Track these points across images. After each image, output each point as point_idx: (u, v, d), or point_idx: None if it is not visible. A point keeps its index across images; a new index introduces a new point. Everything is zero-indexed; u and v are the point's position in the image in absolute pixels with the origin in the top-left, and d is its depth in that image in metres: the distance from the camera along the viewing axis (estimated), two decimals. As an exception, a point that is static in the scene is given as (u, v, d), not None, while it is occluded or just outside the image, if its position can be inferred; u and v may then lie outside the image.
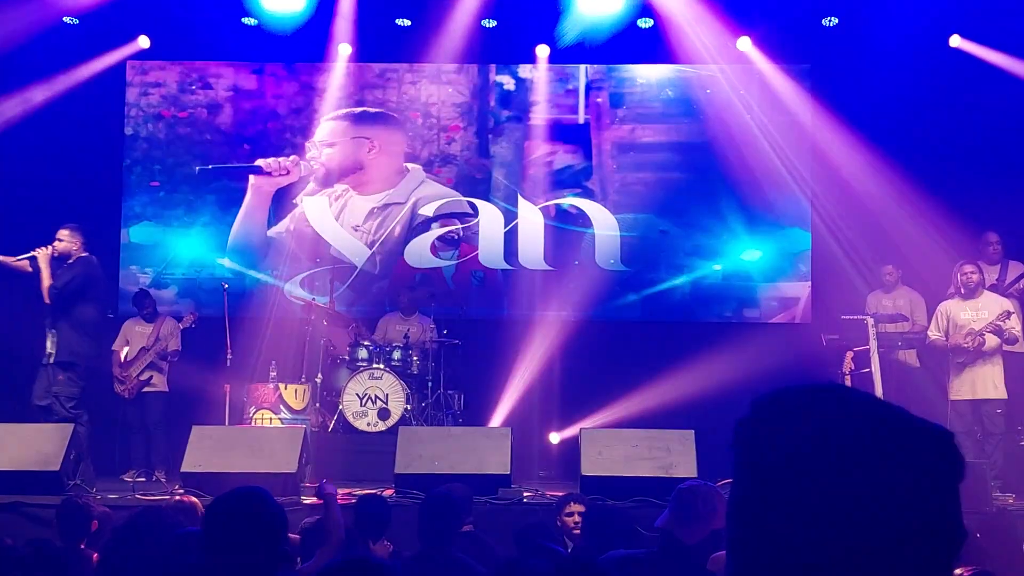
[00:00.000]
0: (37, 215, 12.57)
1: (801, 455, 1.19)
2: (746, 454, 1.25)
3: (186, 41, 13.12)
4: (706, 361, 11.58)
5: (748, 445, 1.25)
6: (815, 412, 1.21)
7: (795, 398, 1.24)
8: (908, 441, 1.19)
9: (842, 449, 1.17)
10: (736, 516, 1.25)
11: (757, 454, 1.23)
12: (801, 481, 1.18)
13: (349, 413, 11.05)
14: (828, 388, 1.24)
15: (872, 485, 1.16)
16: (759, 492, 1.22)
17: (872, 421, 1.20)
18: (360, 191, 13.33)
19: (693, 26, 12.61)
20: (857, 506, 1.16)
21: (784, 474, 1.19)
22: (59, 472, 8.75)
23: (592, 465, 8.81)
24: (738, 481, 1.26)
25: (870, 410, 1.21)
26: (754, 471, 1.23)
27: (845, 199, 12.61)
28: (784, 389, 1.25)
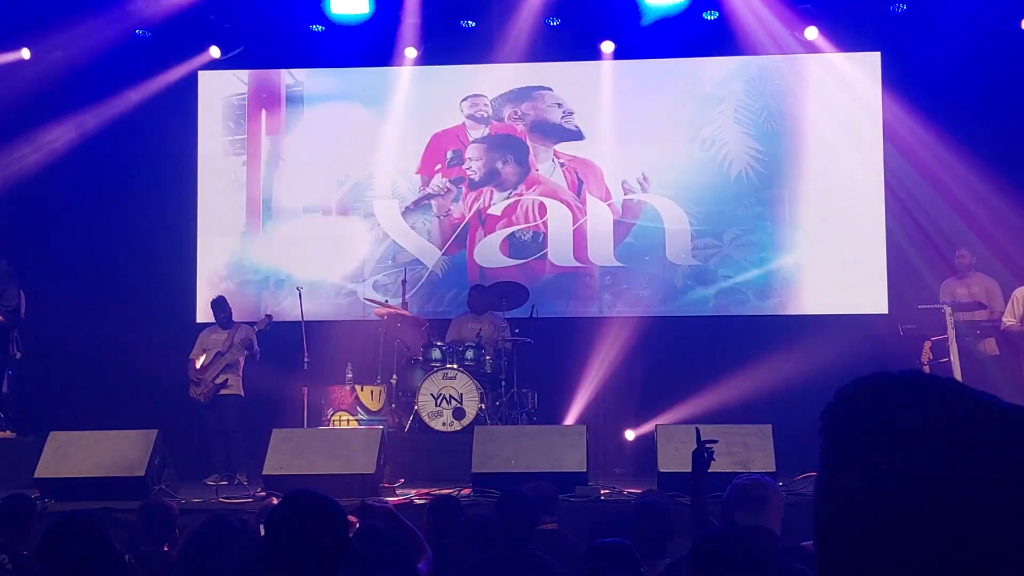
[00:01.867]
0: (115, 224, 12.86)
1: (889, 443, 1.19)
2: (833, 443, 1.25)
3: (255, 49, 13.29)
4: (782, 354, 11.50)
5: (835, 434, 1.25)
6: (902, 399, 1.20)
7: (881, 386, 1.23)
8: (997, 427, 1.18)
9: (930, 436, 1.17)
10: (824, 505, 1.26)
11: (845, 443, 1.23)
12: (890, 469, 1.18)
13: (425, 413, 11.13)
14: (914, 375, 1.23)
15: (962, 472, 1.16)
16: (847, 481, 1.23)
17: (960, 407, 1.19)
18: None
19: (759, 17, 12.54)
20: (947, 494, 1.16)
21: (873, 462, 1.19)
22: (144, 477, 8.92)
23: (669, 461, 8.79)
24: (825, 470, 1.26)
25: (957, 397, 1.21)
26: (842, 460, 1.24)
27: (918, 187, 12.46)
28: (869, 377, 1.25)
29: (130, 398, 11.86)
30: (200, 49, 13.15)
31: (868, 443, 1.20)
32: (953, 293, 11.25)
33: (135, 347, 11.56)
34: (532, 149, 13.43)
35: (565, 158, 13.39)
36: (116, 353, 11.47)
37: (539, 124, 13.46)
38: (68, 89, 12.54)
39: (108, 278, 12.61)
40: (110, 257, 12.80)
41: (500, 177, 13.47)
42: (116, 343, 11.43)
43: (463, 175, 13.49)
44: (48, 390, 12.01)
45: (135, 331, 11.67)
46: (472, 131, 13.55)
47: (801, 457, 9.00)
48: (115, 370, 11.88)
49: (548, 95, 13.46)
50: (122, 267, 12.76)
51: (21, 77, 12.29)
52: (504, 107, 13.50)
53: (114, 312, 11.61)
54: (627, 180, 13.26)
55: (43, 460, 9.11)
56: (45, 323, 11.84)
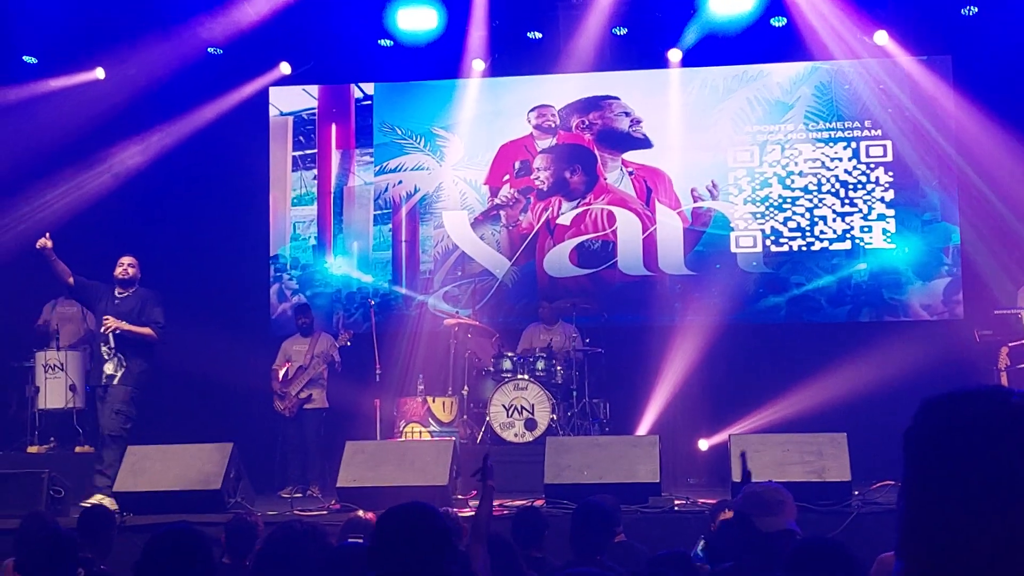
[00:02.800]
0: (189, 238, 13.04)
1: (973, 456, 1.20)
2: (919, 457, 1.26)
3: (324, 65, 13.43)
4: (855, 362, 11.38)
5: (920, 449, 1.26)
6: (982, 415, 1.22)
7: (962, 402, 1.24)
8: None
9: (1012, 451, 1.18)
10: (910, 518, 1.26)
11: (930, 458, 1.24)
12: (975, 481, 1.19)
13: (496, 424, 11.15)
14: (995, 390, 1.25)
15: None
16: (932, 494, 1.23)
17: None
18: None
19: (828, 22, 12.43)
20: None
21: (957, 475, 1.20)
22: (221, 490, 9.01)
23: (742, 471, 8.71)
24: (910, 484, 1.26)
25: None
26: (927, 475, 1.24)
27: (993, 190, 12.27)
28: (949, 394, 1.26)
29: (204, 411, 12.02)
30: (271, 65, 13.32)
31: (952, 457, 1.21)
32: (1033, 297, 11.06)
33: (210, 361, 11.70)
34: (600, 158, 13.42)
35: (633, 166, 13.37)
36: (191, 367, 11.60)
37: (607, 133, 13.45)
38: (142, 107, 12.75)
39: (183, 292, 12.73)
40: (185, 272, 12.96)
41: (568, 187, 13.47)
42: (191, 357, 11.56)
43: (531, 185, 13.51)
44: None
45: (210, 345, 11.79)
46: (540, 141, 13.57)
47: (876, 466, 8.93)
48: (190, 384, 12.03)
49: (616, 104, 13.45)
50: (196, 281, 12.92)
51: (96, 96, 12.52)
52: (571, 117, 13.51)
53: (189, 326, 11.72)
54: (696, 188, 13.21)
55: (121, 474, 9.24)
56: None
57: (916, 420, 1.28)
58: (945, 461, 1.23)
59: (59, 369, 11.38)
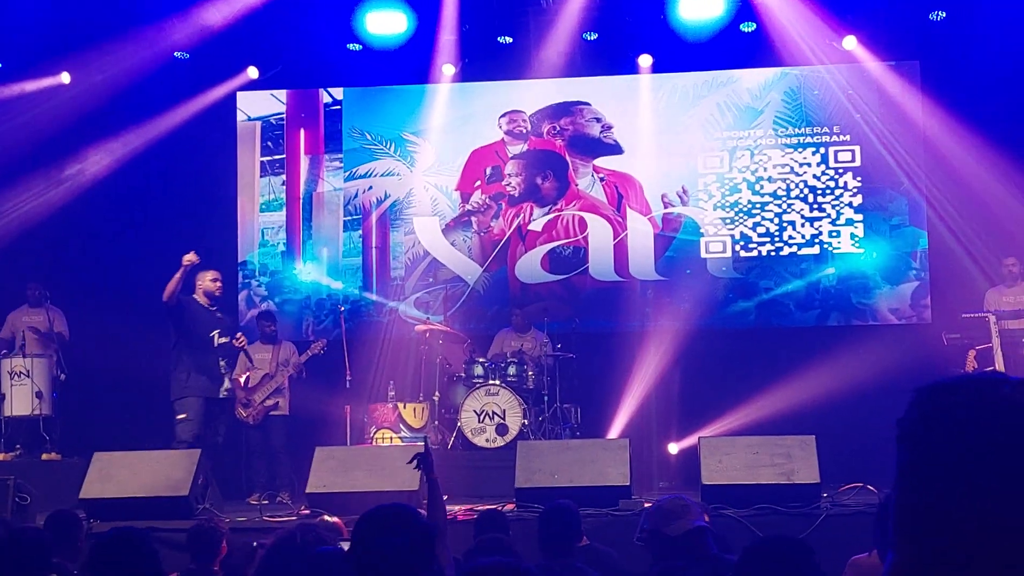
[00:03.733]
0: (156, 245, 12.96)
1: (969, 444, 1.20)
2: (913, 446, 1.25)
3: (293, 69, 13.38)
4: (824, 365, 11.41)
5: (914, 437, 1.25)
6: (980, 400, 1.22)
7: (956, 389, 1.24)
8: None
9: (1008, 436, 1.18)
10: (905, 509, 1.25)
11: (926, 446, 1.24)
12: (972, 469, 1.19)
13: (468, 430, 11.13)
14: (991, 376, 1.25)
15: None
16: (931, 483, 1.22)
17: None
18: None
19: (797, 28, 12.48)
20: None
21: (955, 463, 1.20)
22: (188, 497, 8.95)
23: (713, 474, 8.74)
24: (904, 474, 1.26)
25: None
26: (924, 462, 1.24)
27: (961, 195, 12.35)
28: (942, 382, 1.26)
29: (173, 418, 11.92)
30: (238, 70, 13.25)
31: (949, 445, 1.21)
32: (999, 301, 11.14)
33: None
34: (571, 164, 13.43)
35: (605, 172, 13.38)
36: (159, 373, 11.52)
37: (578, 139, 13.45)
38: (108, 113, 12.66)
39: (150, 299, 12.68)
40: (152, 278, 12.85)
41: (540, 193, 13.47)
42: (159, 363, 11.49)
43: (503, 191, 13.50)
44: (92, 411, 12.10)
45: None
46: (511, 147, 13.56)
47: (845, 468, 8.96)
48: (158, 390, 11.93)
49: (586, 110, 13.46)
50: (164, 288, 12.83)
51: (61, 101, 12.43)
52: (543, 122, 13.51)
53: (156, 333, 11.67)
54: (667, 194, 13.23)
55: (88, 481, 9.17)
56: (88, 345, 11.94)
57: (911, 408, 1.28)
58: (938, 449, 1.23)
59: (25, 376, 11.30)
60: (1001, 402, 1.21)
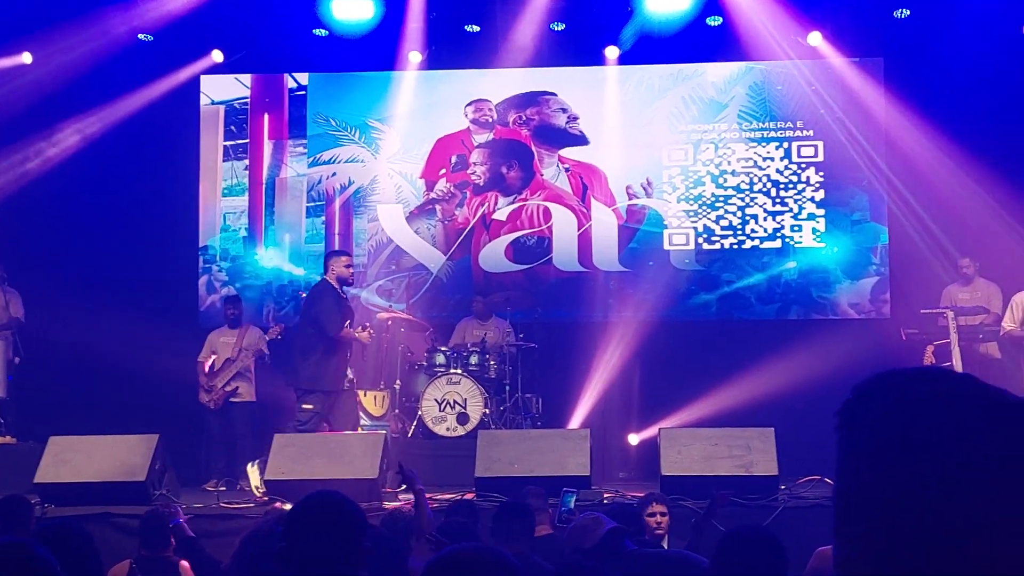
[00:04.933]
0: (117, 228, 12.87)
1: (906, 437, 1.20)
2: (852, 440, 1.25)
3: (258, 54, 13.28)
4: (784, 358, 11.47)
5: (853, 431, 1.25)
6: (917, 394, 1.22)
7: (896, 380, 1.24)
8: (1007, 416, 1.20)
9: (945, 428, 1.18)
10: (845, 500, 1.25)
11: (863, 439, 1.24)
12: (908, 462, 1.19)
13: (428, 418, 11.11)
14: (927, 371, 1.25)
15: (976, 461, 1.17)
16: (868, 477, 1.22)
17: (972, 399, 1.21)
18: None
19: (763, 22, 12.52)
20: (964, 481, 1.17)
21: (891, 456, 1.20)
22: (145, 482, 8.89)
23: (672, 465, 8.77)
24: (844, 465, 1.26)
25: (969, 389, 1.22)
26: (861, 456, 1.24)
27: (922, 192, 12.44)
28: (885, 372, 1.26)
29: (130, 403, 11.85)
30: (202, 53, 13.14)
31: (886, 438, 1.21)
32: (956, 298, 11.23)
33: (136, 352, 11.54)
34: (537, 154, 13.42)
35: (570, 163, 13.38)
36: (116, 358, 11.45)
37: (543, 129, 13.45)
38: (70, 94, 12.51)
39: (109, 282, 12.61)
40: (111, 261, 12.79)
41: (505, 182, 13.45)
42: (117, 348, 11.41)
43: (467, 180, 13.47)
44: (48, 395, 11.97)
45: (136, 336, 11.65)
46: (476, 136, 13.53)
47: (803, 461, 9.01)
48: (115, 375, 11.87)
49: (552, 100, 13.45)
50: (123, 271, 12.75)
51: (23, 82, 12.29)
52: (509, 112, 13.49)
53: (115, 316, 11.58)
54: (631, 185, 13.26)
55: (43, 465, 9.07)
56: (45, 327, 11.83)
57: (849, 400, 1.28)
58: (873, 442, 1.23)
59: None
60: (938, 396, 1.22)
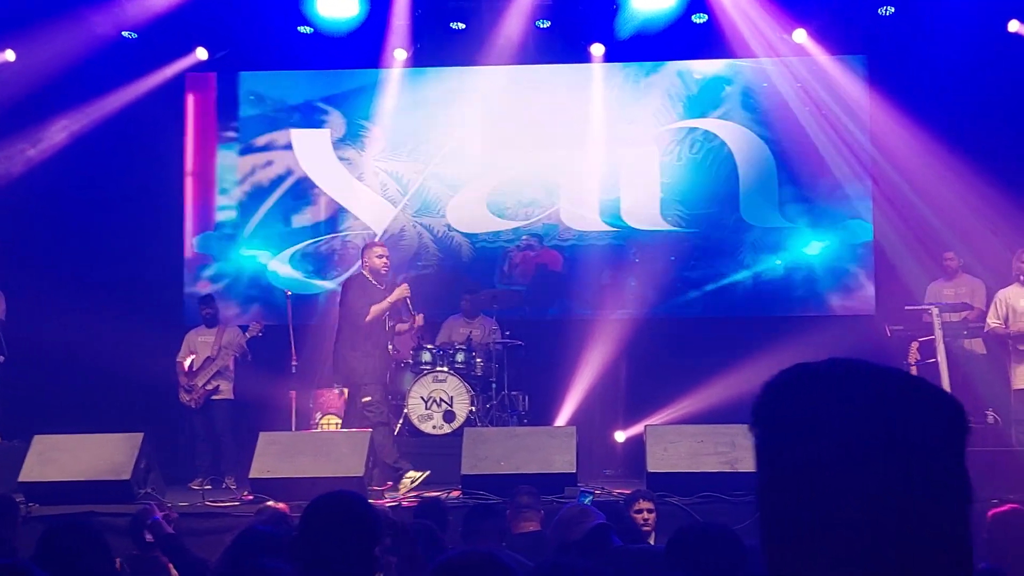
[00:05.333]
0: (101, 226, 12.82)
1: (813, 428, 1.22)
2: (764, 435, 1.28)
3: (242, 51, 13.24)
4: (770, 356, 11.42)
5: (764, 427, 1.28)
6: (820, 386, 1.25)
7: (801, 376, 1.28)
8: (913, 404, 1.23)
9: (846, 414, 1.21)
10: (762, 495, 1.27)
11: (774, 434, 1.27)
12: (818, 451, 1.21)
13: (414, 416, 11.10)
14: (831, 363, 1.28)
15: (882, 447, 1.19)
16: (777, 470, 1.25)
17: (875, 389, 1.24)
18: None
19: (748, 20, 12.54)
20: (871, 470, 1.19)
21: (801, 447, 1.22)
22: (130, 481, 8.86)
23: (658, 462, 8.79)
24: (759, 462, 1.28)
25: (867, 375, 1.25)
26: (774, 450, 1.27)
27: (906, 189, 12.48)
28: (790, 368, 1.29)
29: (115, 401, 11.81)
30: (187, 51, 13.09)
31: (794, 431, 1.24)
32: (940, 294, 11.25)
33: (120, 350, 11.48)
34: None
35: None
36: (101, 356, 11.39)
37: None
38: (53, 91, 12.44)
39: (94, 281, 12.55)
40: (96, 259, 12.75)
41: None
42: (101, 346, 11.36)
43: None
44: (32, 394, 11.91)
45: (121, 334, 11.59)
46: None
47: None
48: (100, 373, 11.81)
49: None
50: (108, 269, 12.70)
51: (5, 79, 12.23)
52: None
53: (100, 315, 11.52)
54: (617, 182, 13.26)
55: (27, 464, 9.04)
56: (29, 326, 11.77)
57: (760, 396, 1.31)
58: (789, 434, 1.26)
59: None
60: (834, 387, 1.24)
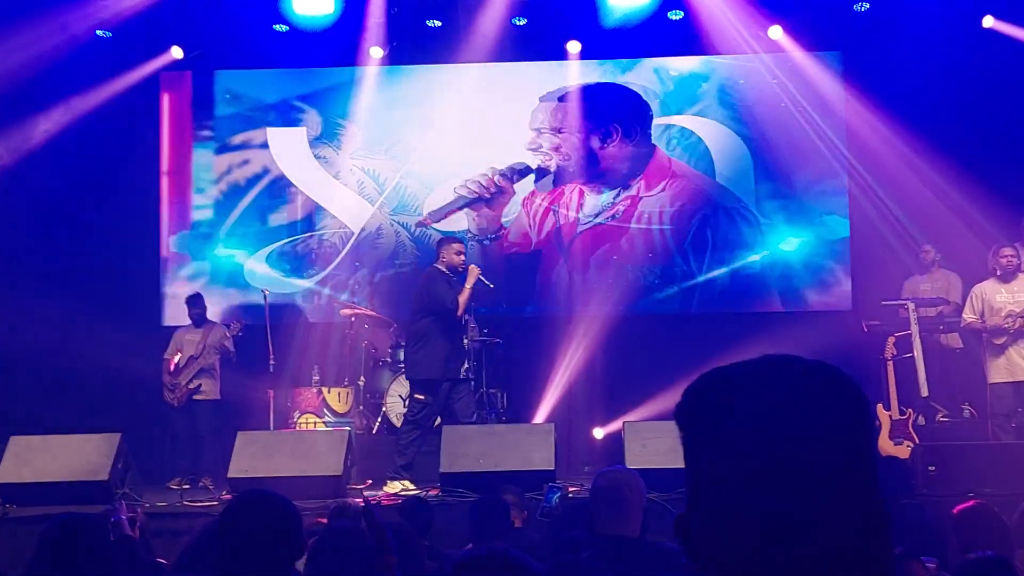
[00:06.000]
0: (78, 225, 12.75)
1: (730, 425, 1.25)
2: (683, 437, 1.31)
3: (217, 50, 13.19)
4: (747, 351, 11.10)
5: (686, 427, 1.32)
6: (735, 387, 1.28)
7: (716, 378, 1.31)
8: (814, 391, 1.27)
9: (757, 410, 1.24)
10: (688, 493, 1.31)
11: (695, 434, 1.30)
12: (731, 447, 1.24)
13: (393, 414, 11.10)
14: (747, 362, 1.31)
15: (790, 436, 1.23)
16: (699, 467, 1.28)
17: (779, 380, 1.28)
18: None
19: (724, 16, 12.57)
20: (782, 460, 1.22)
21: (716, 443, 1.26)
22: (108, 482, 8.85)
23: (636, 458, 8.80)
24: (686, 462, 1.30)
25: (778, 370, 1.30)
26: (696, 449, 1.30)
27: (883, 185, 12.54)
28: (708, 372, 1.33)
29: (93, 401, 11.76)
30: (162, 49, 13.03)
31: (712, 430, 1.27)
32: (916, 290, 11.30)
33: (97, 350, 11.44)
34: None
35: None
36: (78, 356, 11.35)
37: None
38: (28, 91, 12.37)
39: (70, 280, 12.49)
40: (73, 259, 12.68)
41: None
42: (78, 346, 11.32)
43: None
44: (9, 394, 11.85)
45: (98, 334, 11.55)
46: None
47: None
48: (77, 373, 11.76)
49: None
50: (85, 269, 12.64)
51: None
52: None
53: (77, 314, 11.48)
54: (594, 179, 13.28)
55: (4, 465, 9.03)
56: (5, 325, 11.71)
57: (681, 399, 1.33)
58: (708, 434, 1.28)
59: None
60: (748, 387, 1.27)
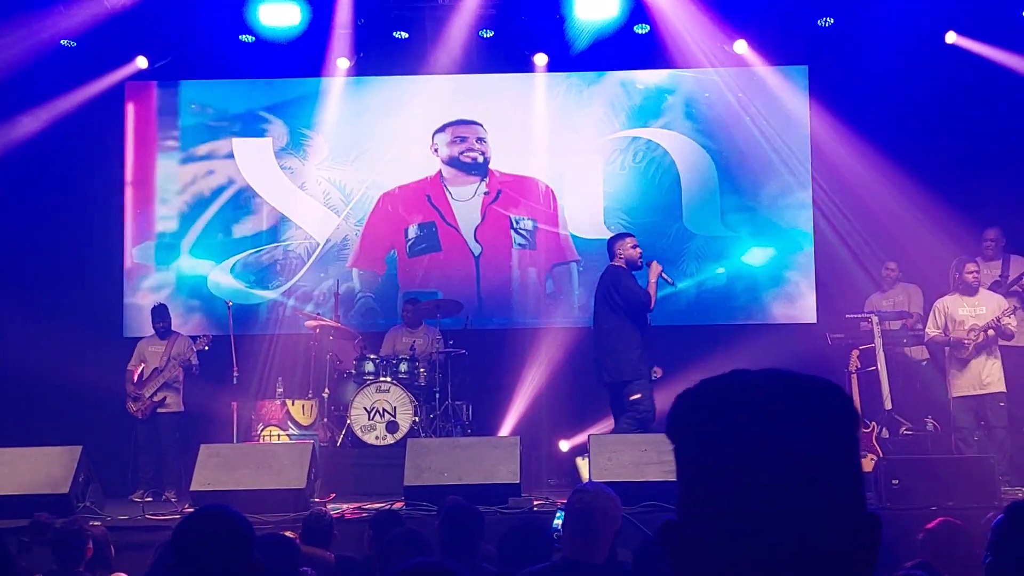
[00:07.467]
0: (39, 236, 12.65)
1: (718, 437, 1.26)
2: (679, 448, 1.32)
3: (183, 60, 13.12)
4: (712, 364, 11.44)
5: (673, 440, 1.33)
6: (733, 395, 1.28)
7: (703, 392, 1.31)
8: (801, 402, 1.27)
9: (743, 423, 1.25)
10: (678, 502, 1.31)
11: (686, 446, 1.30)
12: (726, 460, 1.25)
13: (357, 427, 11.04)
14: (742, 373, 1.32)
15: (778, 447, 1.23)
16: (691, 483, 1.29)
17: (765, 392, 1.28)
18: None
19: (689, 31, 12.62)
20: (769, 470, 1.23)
21: (706, 458, 1.26)
22: (69, 495, 8.76)
23: (602, 471, 8.80)
24: (678, 476, 1.32)
25: (763, 383, 1.29)
26: (686, 462, 1.30)
27: (846, 198, 12.63)
28: (704, 380, 1.33)
29: (54, 413, 11.65)
30: (127, 59, 12.94)
31: (703, 441, 1.28)
32: (878, 307, 11.38)
33: (59, 361, 11.33)
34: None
35: (503, 179, 13.41)
36: (40, 367, 11.24)
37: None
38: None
39: (32, 291, 12.40)
40: (34, 269, 12.58)
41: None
42: (40, 357, 11.21)
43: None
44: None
45: (60, 345, 11.45)
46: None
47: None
48: (39, 385, 11.65)
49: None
50: (47, 279, 12.54)
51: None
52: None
53: (38, 325, 11.38)
54: (559, 192, 13.30)
55: (-37, 478, 8.91)
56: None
57: (671, 411, 1.34)
58: (698, 445, 1.29)
59: None
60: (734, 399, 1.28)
